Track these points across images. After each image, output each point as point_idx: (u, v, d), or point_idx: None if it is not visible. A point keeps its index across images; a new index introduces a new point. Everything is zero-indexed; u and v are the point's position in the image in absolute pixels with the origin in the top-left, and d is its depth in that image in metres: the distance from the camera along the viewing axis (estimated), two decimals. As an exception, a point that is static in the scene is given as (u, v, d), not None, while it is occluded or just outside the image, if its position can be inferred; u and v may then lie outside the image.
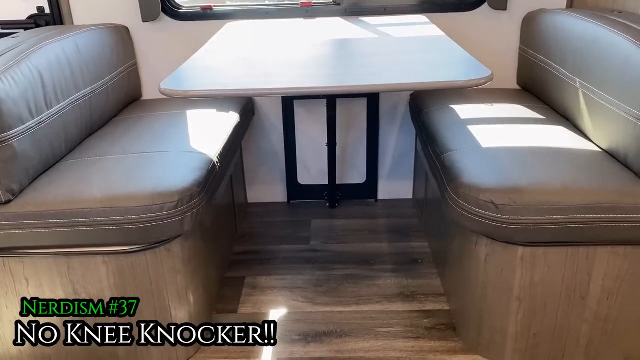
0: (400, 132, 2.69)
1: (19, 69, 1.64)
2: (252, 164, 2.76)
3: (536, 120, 2.04)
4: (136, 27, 2.46)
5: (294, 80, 1.48)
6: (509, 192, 1.52)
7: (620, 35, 1.65)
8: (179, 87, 1.41)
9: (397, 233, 2.50)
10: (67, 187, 1.62)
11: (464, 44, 2.37)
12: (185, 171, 1.69)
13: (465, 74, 1.45)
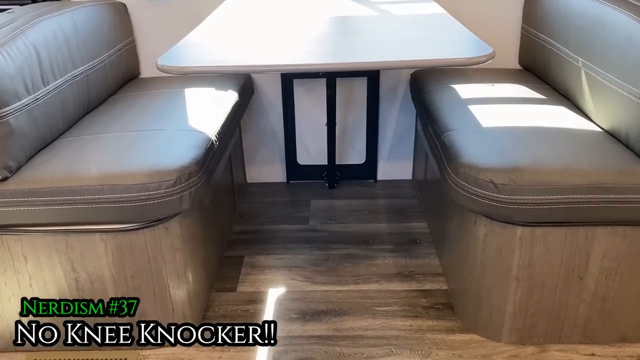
0: (401, 112, 2.67)
1: (14, 44, 1.62)
2: (251, 143, 2.74)
3: (537, 100, 2.03)
4: (134, 3, 2.43)
5: (293, 57, 1.46)
6: (508, 171, 1.51)
7: (623, 13, 1.63)
8: (176, 64, 1.39)
9: (396, 213, 2.50)
10: (65, 165, 1.61)
11: (466, 23, 2.34)
12: (184, 149, 1.68)
13: (467, 52, 1.43)
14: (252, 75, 2.59)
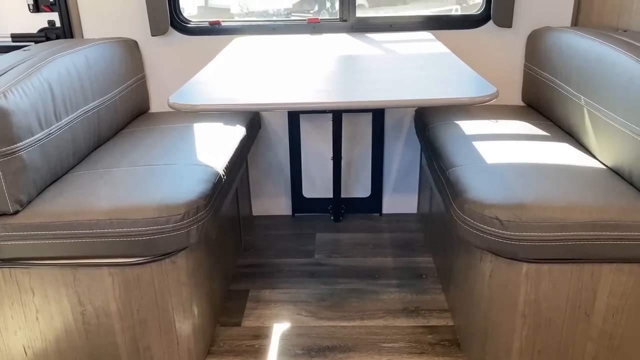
0: (405, 147, 2.70)
1: (29, 81, 1.67)
2: (258, 176, 2.77)
3: (541, 136, 2.05)
4: (145, 40, 2.50)
5: (300, 95, 1.50)
6: (513, 208, 1.52)
7: (625, 54, 1.67)
8: (187, 101, 1.43)
9: (401, 247, 2.50)
10: (75, 199, 1.63)
11: (470, 61, 2.40)
12: (192, 184, 1.70)
13: (471, 91, 1.46)
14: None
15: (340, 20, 2.51)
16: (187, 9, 2.60)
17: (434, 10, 10.32)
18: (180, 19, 2.50)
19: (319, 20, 2.51)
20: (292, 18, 2.59)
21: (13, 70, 1.69)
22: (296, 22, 2.54)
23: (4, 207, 1.55)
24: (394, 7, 10.84)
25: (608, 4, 2.19)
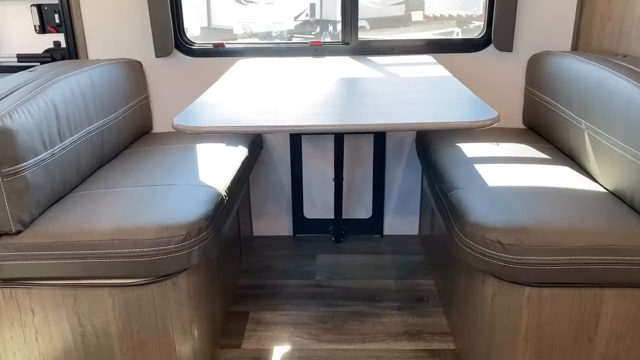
0: (407, 168, 2.71)
1: (35, 102, 1.68)
2: (259, 197, 2.78)
3: (542, 159, 2.06)
4: (149, 61, 2.52)
5: (302, 117, 1.51)
6: (515, 231, 1.52)
7: (625, 79, 1.68)
8: (191, 123, 1.44)
9: (402, 269, 2.49)
10: (77, 219, 1.63)
11: (471, 84, 2.42)
12: (194, 205, 1.70)
13: (472, 115, 1.47)
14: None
15: (342, 43, 2.54)
16: (190, 29, 2.63)
17: (435, 33, 10.42)
18: (185, 40, 2.53)
19: (321, 43, 2.54)
20: (295, 41, 2.62)
21: (19, 91, 1.71)
22: (299, 45, 2.56)
23: (6, 226, 1.55)
24: (395, 29, 10.93)
25: (607, 30, 2.22)
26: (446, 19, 10.98)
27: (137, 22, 2.46)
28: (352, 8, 2.48)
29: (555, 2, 2.39)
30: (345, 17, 2.50)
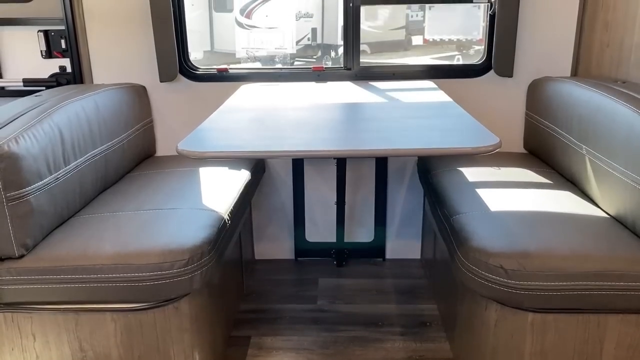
0: (408, 192, 2.72)
1: (40, 126, 1.70)
2: (261, 220, 2.78)
3: (543, 184, 2.07)
4: (153, 86, 2.55)
5: (305, 143, 1.52)
6: (518, 256, 1.52)
7: (625, 105, 1.70)
8: (195, 148, 1.45)
9: (405, 294, 2.48)
10: (80, 243, 1.64)
11: (471, 108, 2.43)
12: (197, 229, 1.71)
13: (474, 141, 1.48)
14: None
15: (344, 68, 2.57)
16: (193, 53, 2.67)
17: (435, 57, 10.50)
18: (189, 65, 2.56)
19: (323, 68, 2.57)
20: (297, 64, 2.65)
21: (25, 116, 1.73)
22: (302, 70, 2.60)
23: (9, 251, 1.56)
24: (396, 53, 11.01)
25: (607, 56, 2.25)
26: (446, 44, 11.11)
27: (142, 48, 2.49)
28: (354, 35, 2.51)
29: (555, 29, 2.43)
30: (347, 43, 2.54)
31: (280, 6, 9.28)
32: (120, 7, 2.45)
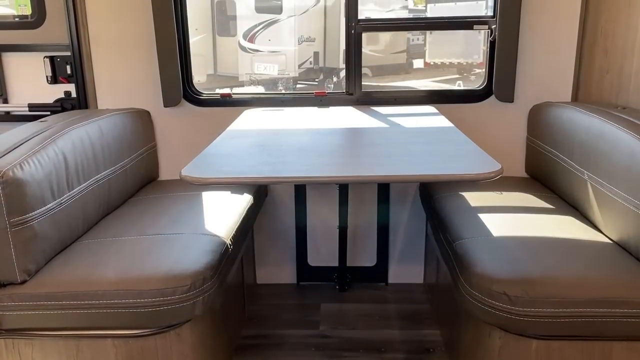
0: (411, 216, 2.72)
1: (45, 152, 1.71)
2: (263, 244, 2.77)
3: (546, 209, 2.07)
4: (157, 111, 2.58)
5: (308, 168, 1.53)
6: (521, 283, 1.51)
7: (625, 132, 1.71)
8: (198, 174, 1.46)
9: (408, 319, 2.46)
10: (83, 268, 1.63)
11: (473, 133, 2.46)
12: (199, 254, 1.71)
13: (476, 167, 1.49)
14: None
15: (346, 93, 2.60)
16: (196, 76, 2.70)
17: (436, 80, 10.58)
18: (193, 91, 2.59)
19: (326, 93, 2.60)
20: (299, 87, 2.68)
21: (30, 142, 1.74)
22: (304, 95, 2.62)
23: (12, 276, 1.56)
24: (397, 76, 11.10)
25: (606, 82, 2.26)
26: (447, 67, 11.22)
27: (147, 73, 2.52)
28: (355, 60, 2.55)
29: (555, 55, 2.46)
30: (349, 69, 2.57)
31: (282, 30, 9.40)
32: (126, 34, 2.49)
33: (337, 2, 9.27)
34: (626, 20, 2.11)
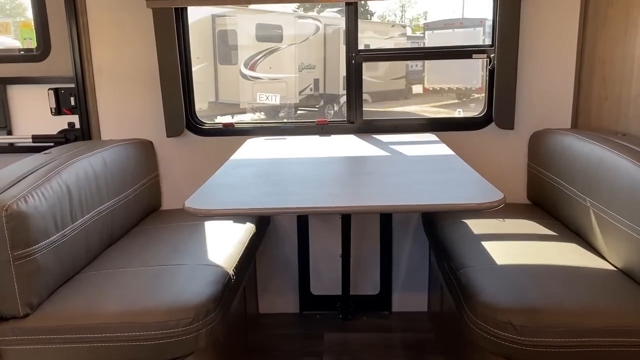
0: (414, 243, 2.71)
1: (49, 185, 1.72)
2: (265, 273, 2.76)
3: (549, 236, 2.06)
4: (160, 141, 2.59)
5: (310, 199, 1.53)
6: (527, 312, 1.51)
7: (626, 159, 1.72)
8: (202, 206, 1.46)
9: (412, 349, 2.43)
10: (85, 302, 1.63)
11: (474, 160, 2.46)
12: (202, 285, 1.70)
13: (478, 197, 1.49)
14: None
15: (347, 122, 2.62)
16: (199, 103, 2.72)
17: (435, 105, 10.66)
18: (195, 121, 2.61)
19: (327, 121, 2.62)
20: (301, 120, 2.70)
21: (34, 174, 1.75)
22: (305, 124, 2.64)
23: (14, 310, 1.55)
24: (397, 102, 11.17)
25: (605, 109, 2.28)
26: (446, 92, 11.33)
27: (150, 104, 2.55)
28: (356, 89, 2.57)
29: (553, 82, 2.48)
30: (350, 97, 2.59)
31: (283, 58, 9.53)
32: (129, 65, 2.52)
33: (337, 30, 9.42)
34: (623, 47, 2.14)
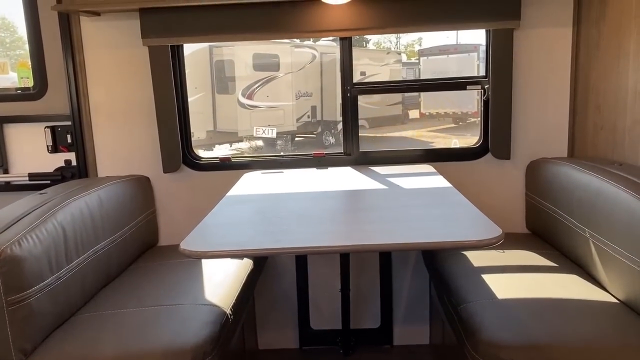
0: (414, 276, 2.68)
1: (44, 227, 1.71)
2: (264, 308, 2.72)
3: (549, 268, 2.04)
4: (157, 177, 2.59)
5: (308, 237, 1.52)
6: (529, 349, 1.48)
7: (624, 191, 1.71)
8: (198, 248, 1.44)
9: (414, 384, 2.39)
10: (81, 346, 1.60)
11: (471, 190, 2.46)
12: (199, 326, 1.67)
13: (477, 233, 1.48)
14: None
15: (344, 154, 2.62)
16: (196, 133, 2.72)
17: (431, 129, 10.70)
18: (192, 156, 2.61)
19: (324, 154, 2.62)
20: (298, 153, 2.70)
21: (29, 216, 1.74)
22: (303, 157, 2.64)
23: (7, 357, 1.52)
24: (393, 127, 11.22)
25: (601, 138, 2.29)
26: (442, 117, 11.41)
27: (146, 140, 2.55)
28: (352, 122, 2.58)
29: (548, 112, 2.49)
30: (346, 130, 2.60)
31: (280, 86, 9.61)
32: (125, 102, 2.53)
33: (333, 59, 9.52)
34: (616, 77, 2.15)
